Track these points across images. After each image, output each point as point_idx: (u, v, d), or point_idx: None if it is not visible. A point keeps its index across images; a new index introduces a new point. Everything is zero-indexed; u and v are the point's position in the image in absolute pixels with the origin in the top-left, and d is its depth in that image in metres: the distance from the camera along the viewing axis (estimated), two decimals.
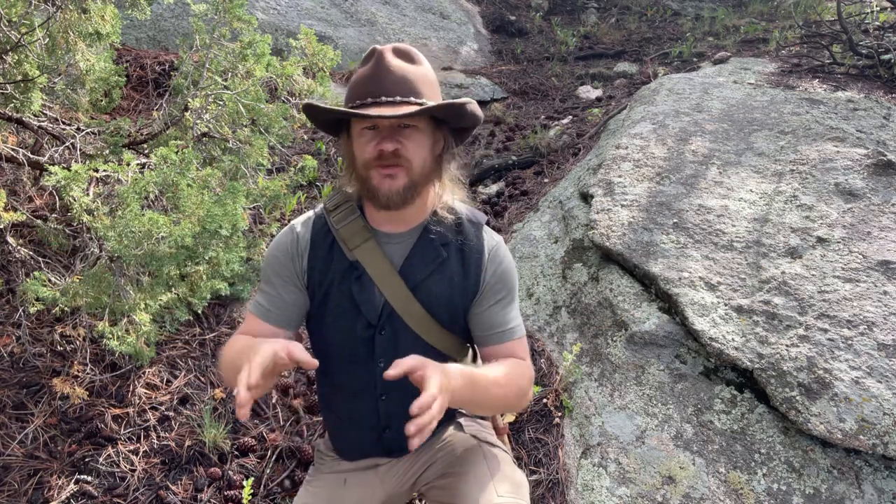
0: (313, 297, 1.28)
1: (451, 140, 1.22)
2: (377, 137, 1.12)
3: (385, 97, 1.10)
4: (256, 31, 2.60)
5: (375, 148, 1.12)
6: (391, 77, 1.11)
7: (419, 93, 1.12)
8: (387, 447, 1.36)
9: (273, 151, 3.14)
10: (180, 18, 4.60)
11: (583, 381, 2.16)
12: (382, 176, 1.13)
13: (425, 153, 1.16)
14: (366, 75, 1.13)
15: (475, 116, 1.17)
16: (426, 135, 1.16)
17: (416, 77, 1.13)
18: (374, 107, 1.09)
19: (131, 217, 1.79)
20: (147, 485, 1.95)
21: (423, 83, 1.14)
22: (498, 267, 1.27)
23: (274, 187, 2.58)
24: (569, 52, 6.38)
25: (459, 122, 1.19)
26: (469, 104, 1.13)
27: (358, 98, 1.12)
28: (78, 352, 2.29)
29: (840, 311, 1.90)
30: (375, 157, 1.12)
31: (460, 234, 1.26)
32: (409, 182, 1.14)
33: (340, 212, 1.27)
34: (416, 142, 1.13)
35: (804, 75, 4.11)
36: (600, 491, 1.81)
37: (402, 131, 1.12)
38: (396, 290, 1.22)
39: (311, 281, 1.27)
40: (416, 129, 1.14)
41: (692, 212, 2.40)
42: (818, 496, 1.67)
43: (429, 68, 1.19)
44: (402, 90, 1.11)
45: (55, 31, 2.23)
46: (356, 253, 1.23)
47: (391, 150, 1.10)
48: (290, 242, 1.28)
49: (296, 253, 1.27)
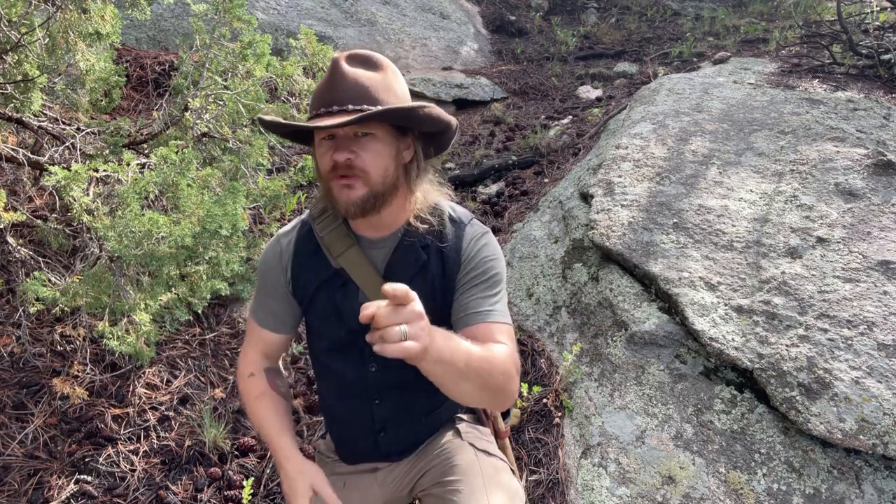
0: (301, 303, 1.30)
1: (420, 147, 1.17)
2: (333, 148, 1.09)
3: (337, 106, 1.06)
4: (256, 31, 2.60)
5: (331, 158, 1.09)
6: (344, 85, 1.07)
7: (376, 100, 1.07)
8: (383, 451, 1.36)
9: (273, 151, 3.14)
10: (180, 18, 4.60)
11: (583, 381, 2.16)
12: (340, 186, 1.10)
13: (385, 162, 1.11)
14: (322, 84, 1.11)
15: (436, 120, 1.11)
16: (385, 143, 1.11)
17: (373, 84, 1.08)
18: (326, 116, 1.06)
19: (131, 217, 1.79)
20: (147, 485, 1.95)
21: (382, 90, 1.09)
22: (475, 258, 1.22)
23: (274, 187, 2.58)
24: (569, 52, 6.38)
25: (421, 126, 1.14)
26: (424, 108, 1.06)
27: (314, 108, 1.10)
28: (78, 352, 2.29)
29: (840, 311, 1.90)
30: (331, 167, 1.10)
31: (441, 234, 1.23)
32: (368, 192, 1.10)
33: (324, 218, 1.26)
34: (372, 151, 1.09)
35: (804, 75, 4.11)
36: (600, 491, 1.81)
37: (357, 140, 1.09)
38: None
39: (296, 290, 1.29)
40: (373, 138, 1.09)
41: (692, 212, 2.40)
42: (818, 496, 1.67)
43: (391, 74, 1.13)
44: (354, 97, 1.06)
45: (55, 31, 2.23)
46: (340, 260, 1.22)
47: (342, 160, 1.07)
48: (275, 254, 1.29)
49: (279, 264, 1.28)
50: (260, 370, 1.36)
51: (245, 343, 1.40)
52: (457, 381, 0.98)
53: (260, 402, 1.33)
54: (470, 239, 1.24)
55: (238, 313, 2.72)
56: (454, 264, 1.22)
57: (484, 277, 1.21)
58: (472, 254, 1.23)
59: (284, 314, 1.33)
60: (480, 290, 1.20)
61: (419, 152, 1.18)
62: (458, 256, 1.22)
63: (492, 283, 1.21)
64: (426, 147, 1.21)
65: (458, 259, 1.22)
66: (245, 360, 1.37)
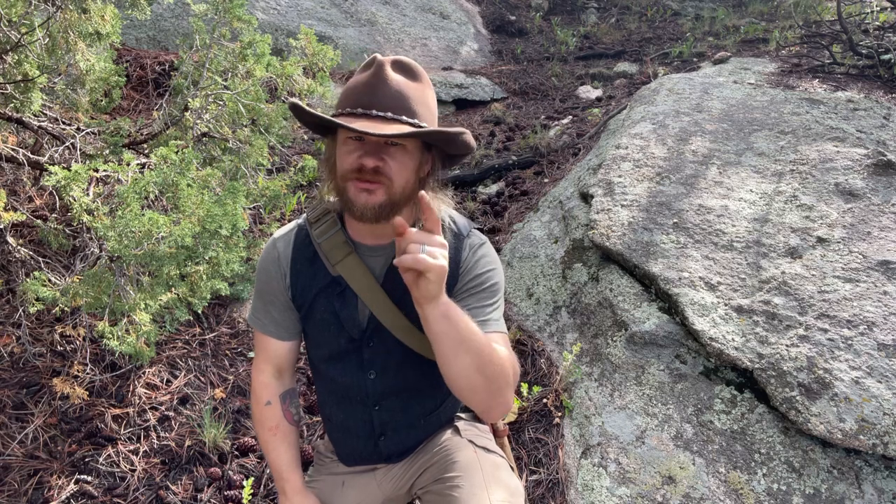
0: (300, 309, 1.28)
1: (439, 164, 1.18)
2: (360, 150, 1.08)
3: (377, 111, 1.05)
4: (256, 31, 2.60)
5: (357, 161, 1.07)
6: (388, 90, 1.06)
7: (413, 112, 1.08)
8: (383, 454, 1.36)
9: (273, 151, 3.14)
10: (180, 18, 4.60)
11: (583, 381, 2.16)
12: (359, 190, 1.09)
13: (409, 174, 1.11)
14: (362, 83, 1.09)
15: (467, 146, 1.14)
16: (413, 156, 1.11)
17: (414, 95, 1.09)
18: (364, 118, 1.05)
19: (131, 217, 1.79)
20: (147, 485, 1.95)
21: (420, 102, 1.10)
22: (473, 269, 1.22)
23: (274, 187, 2.58)
24: (569, 52, 6.39)
25: (450, 149, 1.16)
26: (463, 135, 1.09)
27: (349, 106, 1.08)
28: (78, 352, 2.29)
29: (840, 311, 1.90)
30: (355, 169, 1.08)
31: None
32: (387, 200, 1.09)
33: (321, 224, 1.24)
34: (400, 162, 1.09)
35: (804, 75, 4.11)
36: (600, 491, 1.81)
37: (387, 149, 1.08)
38: (381, 303, 1.21)
39: (295, 296, 1.27)
40: (402, 149, 1.09)
41: (692, 212, 2.40)
42: (818, 496, 1.67)
43: (429, 87, 1.14)
44: (395, 106, 1.06)
45: (55, 31, 2.23)
46: (338, 268, 1.21)
47: (372, 166, 1.06)
48: (272, 260, 1.27)
49: (278, 270, 1.27)
50: (275, 396, 1.34)
51: (255, 355, 1.37)
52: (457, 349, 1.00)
53: (273, 436, 1.34)
54: (469, 251, 1.24)
55: (238, 313, 2.72)
56: (451, 276, 1.21)
57: (480, 288, 1.21)
58: (470, 265, 1.22)
59: (286, 321, 1.30)
60: (477, 301, 1.20)
61: (437, 168, 1.19)
62: (457, 268, 1.22)
63: (489, 293, 1.21)
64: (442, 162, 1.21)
65: (455, 271, 1.21)
66: (258, 381, 1.35)
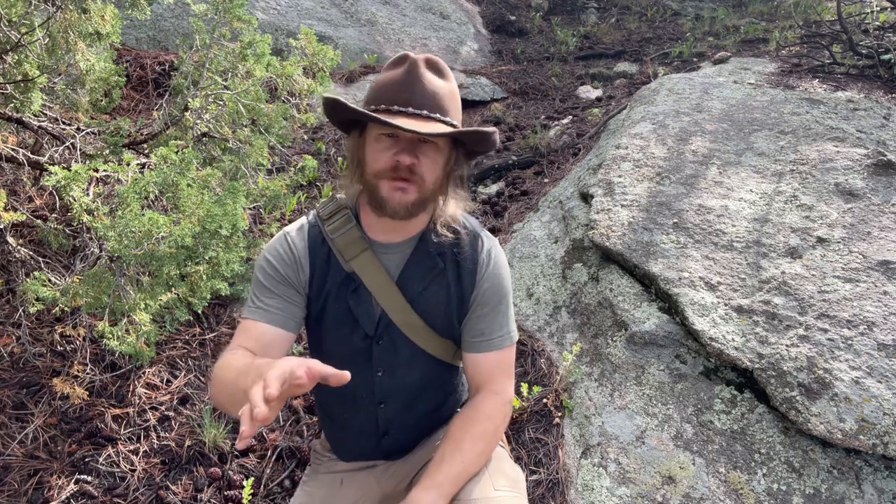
0: (311, 305, 1.26)
1: (462, 159, 1.21)
2: (395, 147, 1.09)
3: (413, 108, 1.07)
4: (256, 31, 2.60)
5: (392, 158, 1.08)
6: (423, 89, 1.08)
7: (446, 110, 1.10)
8: (385, 451, 1.36)
9: (273, 151, 3.14)
10: (180, 18, 4.60)
11: (583, 381, 2.16)
12: (393, 188, 1.10)
13: (439, 171, 1.14)
14: (396, 81, 1.09)
15: (495, 145, 1.17)
16: (443, 153, 1.14)
17: (445, 94, 1.11)
18: (401, 116, 1.06)
19: (131, 217, 1.79)
20: (147, 485, 1.95)
21: (450, 100, 1.12)
22: (492, 277, 1.25)
23: (274, 187, 2.58)
24: (569, 52, 6.38)
25: (479, 147, 1.18)
26: (494, 134, 1.12)
27: (384, 103, 1.08)
28: (78, 352, 2.29)
29: (840, 311, 1.90)
30: (390, 167, 1.09)
31: (457, 244, 1.24)
32: (419, 198, 1.12)
33: (335, 221, 1.24)
34: (432, 159, 1.11)
35: (804, 75, 4.11)
36: (600, 491, 1.81)
37: (420, 146, 1.10)
38: (394, 301, 1.21)
39: (311, 290, 1.25)
40: (435, 147, 1.11)
41: (692, 212, 2.40)
42: (818, 496, 1.67)
43: (455, 86, 1.17)
44: (431, 105, 1.08)
45: (55, 31, 2.23)
46: (353, 264, 1.21)
47: (408, 163, 1.08)
48: (287, 251, 1.22)
49: (295, 261, 1.22)
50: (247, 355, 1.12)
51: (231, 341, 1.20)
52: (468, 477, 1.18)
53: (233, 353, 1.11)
54: (486, 252, 1.26)
55: (238, 313, 2.72)
56: (469, 275, 1.24)
57: (498, 297, 1.26)
58: (488, 271, 1.25)
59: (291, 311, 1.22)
60: (493, 315, 1.25)
61: (461, 163, 1.21)
62: (475, 268, 1.24)
63: (506, 300, 1.27)
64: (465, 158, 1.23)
65: (474, 271, 1.24)
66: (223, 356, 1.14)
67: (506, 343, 1.26)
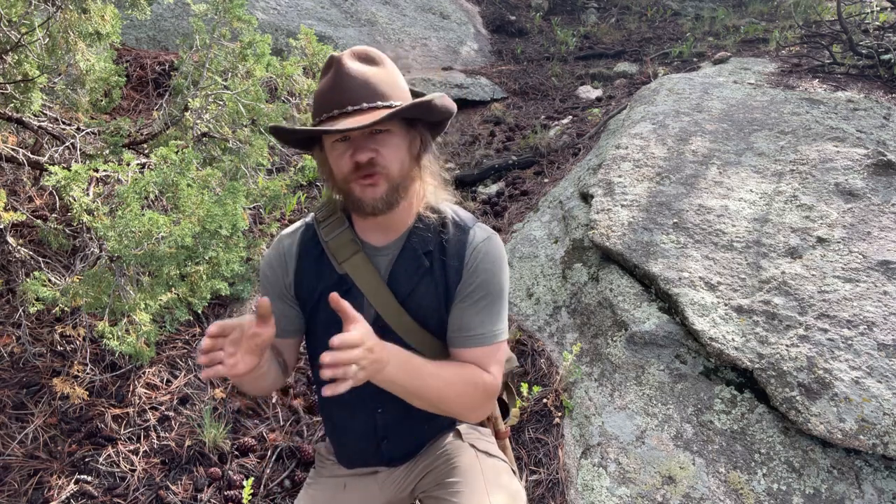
0: (304, 308, 1.27)
1: (428, 135, 1.19)
2: (350, 149, 1.09)
3: (350, 106, 1.05)
4: (256, 31, 2.60)
5: (351, 159, 1.08)
6: (353, 83, 1.06)
7: (385, 95, 1.08)
8: (385, 457, 1.36)
9: (273, 151, 3.14)
10: (180, 18, 4.60)
11: (583, 381, 2.16)
12: (363, 186, 1.10)
13: (402, 155, 1.12)
14: (327, 86, 1.08)
15: (447, 109, 1.13)
16: (401, 137, 1.12)
17: (379, 79, 1.09)
18: (341, 118, 1.05)
19: (131, 217, 1.79)
20: (147, 485, 1.95)
21: (387, 84, 1.10)
22: (479, 272, 1.21)
23: (274, 187, 2.58)
24: (569, 52, 6.38)
25: (432, 117, 1.15)
26: (437, 98, 1.09)
27: (324, 111, 1.08)
28: (78, 352, 2.29)
29: (840, 311, 1.90)
30: (353, 168, 1.09)
31: (443, 239, 1.22)
32: (390, 187, 1.11)
33: (329, 223, 1.24)
34: (391, 146, 1.10)
35: (804, 75, 4.11)
36: (600, 491, 1.81)
37: (374, 138, 1.09)
38: (387, 303, 1.20)
39: (298, 293, 1.26)
40: (389, 134, 1.10)
41: (692, 212, 2.40)
42: (818, 496, 1.67)
43: (391, 67, 1.14)
44: (366, 95, 1.06)
45: (55, 31, 2.23)
46: (345, 266, 1.21)
47: (366, 159, 1.07)
48: (278, 256, 1.27)
49: (281, 267, 1.26)
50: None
51: None
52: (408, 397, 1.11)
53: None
54: (473, 247, 1.22)
55: (238, 313, 2.72)
56: (455, 273, 1.21)
57: (483, 293, 1.20)
58: (474, 265, 1.20)
59: (288, 318, 1.26)
60: (476, 310, 1.20)
61: (427, 140, 1.19)
62: (460, 265, 1.21)
63: (492, 297, 1.21)
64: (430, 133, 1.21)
65: (459, 268, 1.21)
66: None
67: (486, 342, 1.20)
